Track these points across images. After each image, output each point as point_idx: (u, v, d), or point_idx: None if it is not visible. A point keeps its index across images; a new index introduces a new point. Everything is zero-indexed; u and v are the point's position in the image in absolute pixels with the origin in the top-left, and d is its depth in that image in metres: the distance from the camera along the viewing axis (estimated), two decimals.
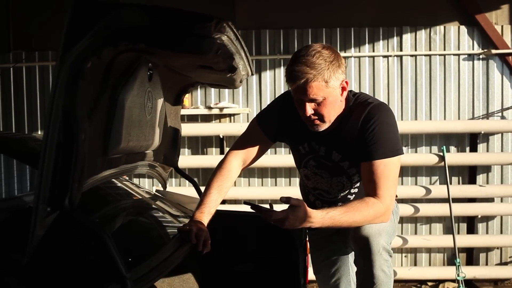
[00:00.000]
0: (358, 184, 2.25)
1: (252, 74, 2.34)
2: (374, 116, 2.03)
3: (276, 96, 4.80)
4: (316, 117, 2.03)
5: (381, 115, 2.05)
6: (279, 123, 2.24)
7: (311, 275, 2.59)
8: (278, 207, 1.91)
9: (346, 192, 2.27)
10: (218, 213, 2.14)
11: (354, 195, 2.27)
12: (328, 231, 2.34)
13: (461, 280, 4.40)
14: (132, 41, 1.40)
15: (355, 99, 2.13)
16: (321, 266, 2.52)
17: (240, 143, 2.27)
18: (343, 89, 2.04)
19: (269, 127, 2.25)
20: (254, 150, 2.25)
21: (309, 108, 2.00)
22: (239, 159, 2.23)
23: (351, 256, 2.52)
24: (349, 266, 2.49)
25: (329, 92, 1.98)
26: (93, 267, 1.51)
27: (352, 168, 2.17)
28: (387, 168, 1.99)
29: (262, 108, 4.85)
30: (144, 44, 1.42)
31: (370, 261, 1.98)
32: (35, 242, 1.30)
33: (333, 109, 2.04)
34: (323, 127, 2.07)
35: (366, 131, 2.03)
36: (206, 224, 2.02)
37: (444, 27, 4.86)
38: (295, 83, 1.95)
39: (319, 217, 1.89)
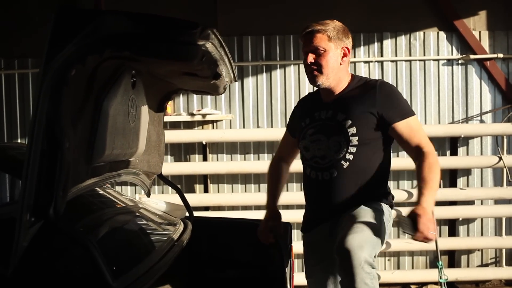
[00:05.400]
0: (354, 150, 2.27)
1: (235, 80, 2.34)
2: (385, 84, 2.34)
3: (258, 102, 4.89)
4: (315, 67, 2.30)
5: (390, 84, 2.39)
6: (294, 118, 2.57)
7: (297, 281, 2.59)
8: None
9: (342, 155, 2.28)
10: (203, 220, 2.14)
11: (348, 163, 2.28)
12: (321, 234, 2.36)
13: (444, 283, 4.44)
14: (117, 48, 1.39)
15: (360, 77, 2.43)
16: (313, 269, 2.51)
17: (280, 146, 2.70)
18: (344, 55, 2.33)
19: (290, 126, 2.61)
20: (289, 150, 2.63)
21: (311, 57, 2.30)
22: (281, 160, 2.64)
23: None
24: None
25: (330, 47, 2.29)
26: (79, 277, 1.49)
27: (352, 127, 2.27)
28: (416, 122, 2.30)
29: (245, 114, 4.92)
30: (129, 52, 1.42)
31: (351, 275, 1.98)
32: (20, 253, 1.28)
33: (331, 65, 2.30)
34: (321, 79, 2.32)
35: (384, 95, 2.27)
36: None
37: (424, 33, 4.93)
38: (304, 34, 2.32)
39: (424, 201, 2.05)
